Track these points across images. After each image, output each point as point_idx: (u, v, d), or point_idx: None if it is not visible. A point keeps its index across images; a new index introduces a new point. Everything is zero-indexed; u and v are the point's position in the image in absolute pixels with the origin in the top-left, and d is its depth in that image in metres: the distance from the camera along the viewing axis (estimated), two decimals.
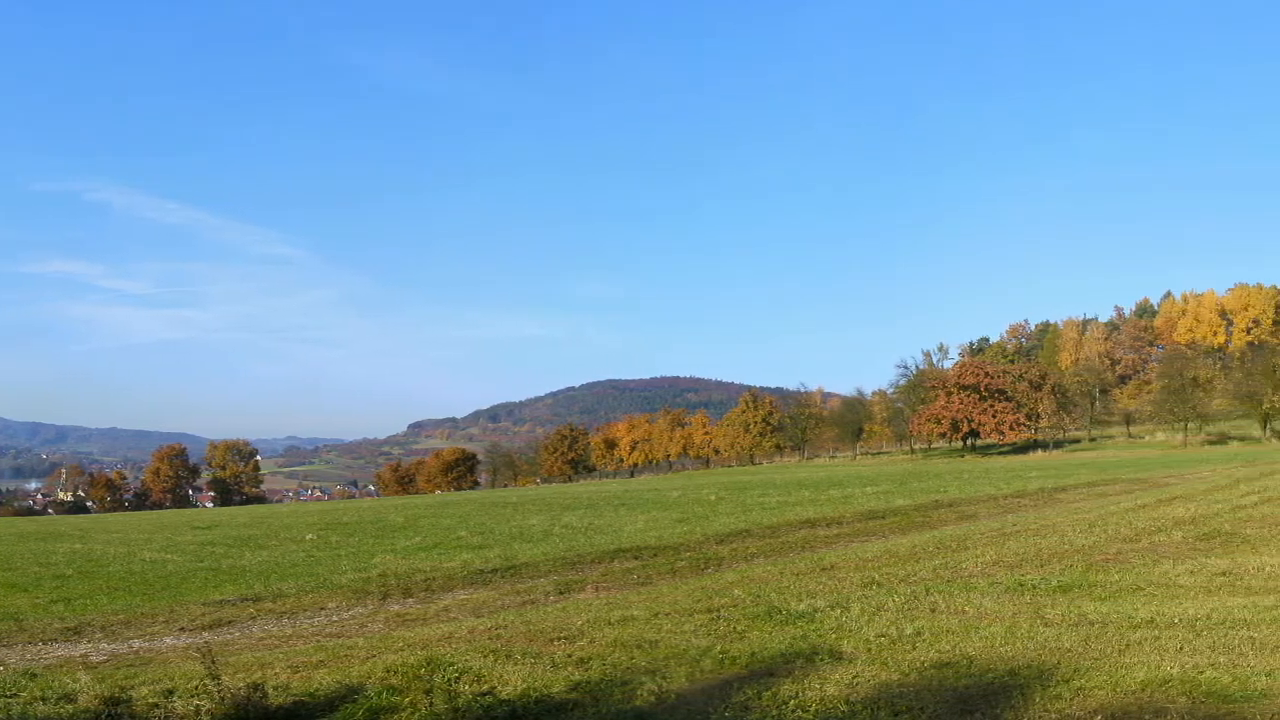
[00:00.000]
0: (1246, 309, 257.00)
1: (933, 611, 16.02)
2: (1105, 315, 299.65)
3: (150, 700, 12.17)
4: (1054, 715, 10.47)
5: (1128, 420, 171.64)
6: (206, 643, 15.69)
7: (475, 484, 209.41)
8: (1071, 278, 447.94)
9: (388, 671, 13.34)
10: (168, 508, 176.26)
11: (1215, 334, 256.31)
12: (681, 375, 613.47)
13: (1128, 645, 13.05)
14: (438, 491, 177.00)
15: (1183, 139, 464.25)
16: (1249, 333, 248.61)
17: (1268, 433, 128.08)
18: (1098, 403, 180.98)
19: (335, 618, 20.28)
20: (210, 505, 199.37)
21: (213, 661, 12.15)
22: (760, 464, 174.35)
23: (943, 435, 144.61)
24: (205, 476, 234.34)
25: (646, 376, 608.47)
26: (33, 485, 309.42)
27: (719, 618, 16.30)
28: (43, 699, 12.59)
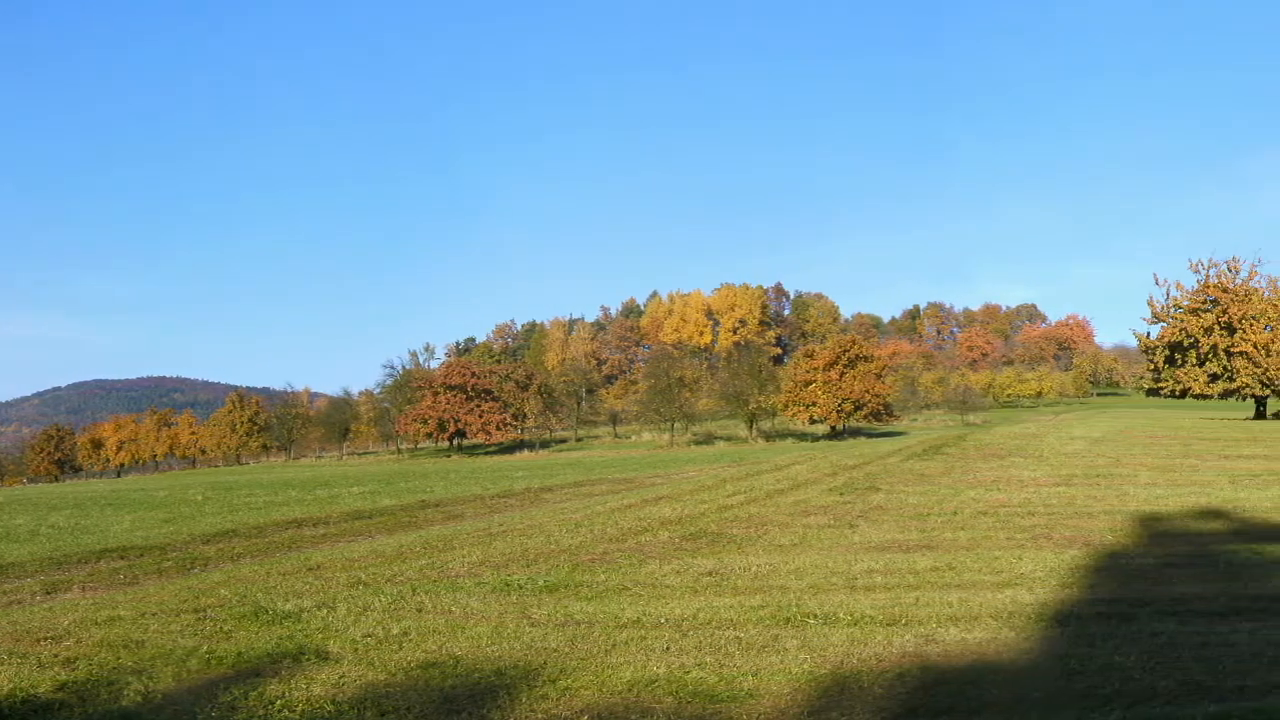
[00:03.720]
0: (733, 309, 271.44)
1: (419, 611, 16.09)
2: (592, 315, 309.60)
3: None
4: (540, 715, 10.75)
5: (614, 420, 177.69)
6: None
7: None
8: (558, 279, 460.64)
9: None
10: None
11: (702, 333, 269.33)
12: (169, 375, 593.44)
13: (614, 645, 13.43)
14: None
15: (665, 143, 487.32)
16: (735, 332, 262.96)
17: (754, 433, 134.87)
18: (584, 402, 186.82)
19: None
20: None
21: None
22: (247, 464, 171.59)
23: (429, 435, 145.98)
24: None
25: (134, 376, 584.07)
26: None
27: (206, 617, 16.11)
28: None
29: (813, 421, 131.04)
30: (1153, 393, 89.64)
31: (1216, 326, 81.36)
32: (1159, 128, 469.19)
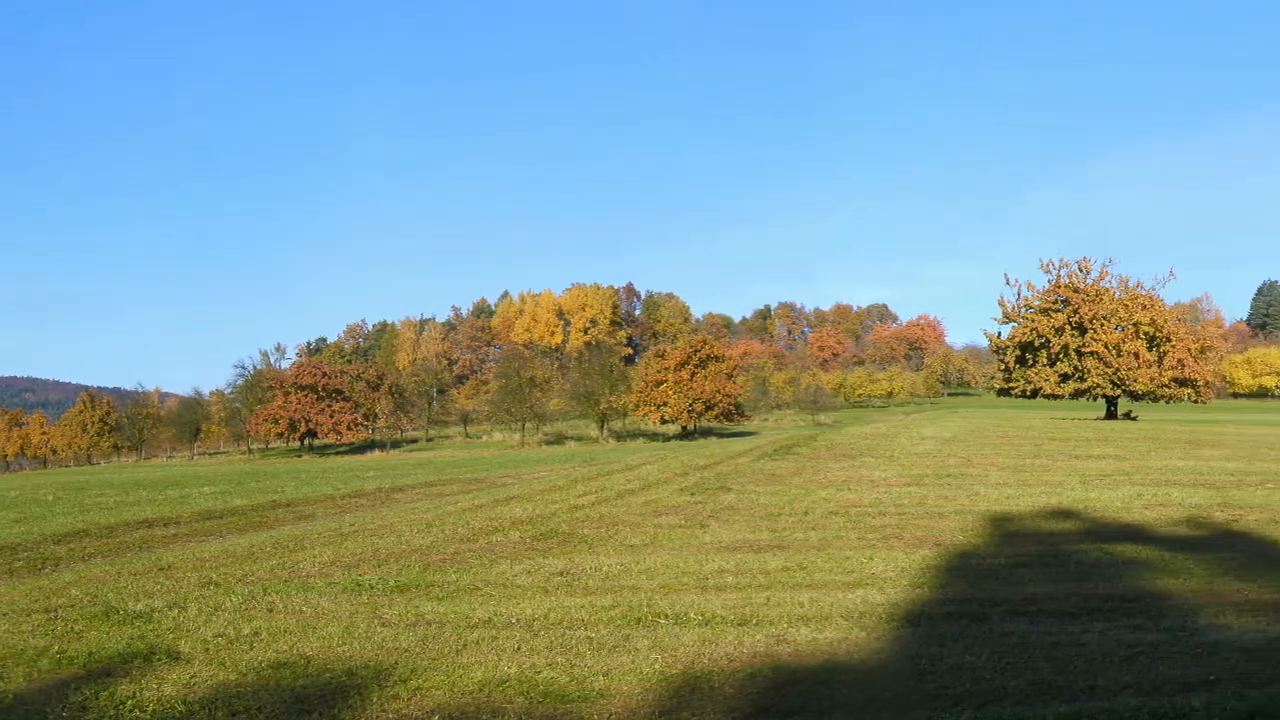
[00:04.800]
0: (584, 309, 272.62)
1: (270, 611, 15.99)
2: (443, 315, 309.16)
3: None
4: (392, 715, 10.77)
5: (465, 420, 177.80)
6: None
7: None
8: (409, 278, 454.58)
9: None
10: None
11: (553, 333, 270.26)
12: (19, 375, 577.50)
13: (465, 645, 13.43)
14: None
15: (514, 143, 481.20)
16: (586, 332, 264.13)
17: (605, 433, 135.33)
18: (435, 403, 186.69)
19: None
20: None
21: None
22: (99, 464, 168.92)
23: (281, 435, 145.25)
24: None
25: None
26: None
27: (57, 617, 15.97)
28: None
29: (664, 421, 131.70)
30: (1004, 393, 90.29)
31: (1067, 326, 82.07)
32: (1009, 126, 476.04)
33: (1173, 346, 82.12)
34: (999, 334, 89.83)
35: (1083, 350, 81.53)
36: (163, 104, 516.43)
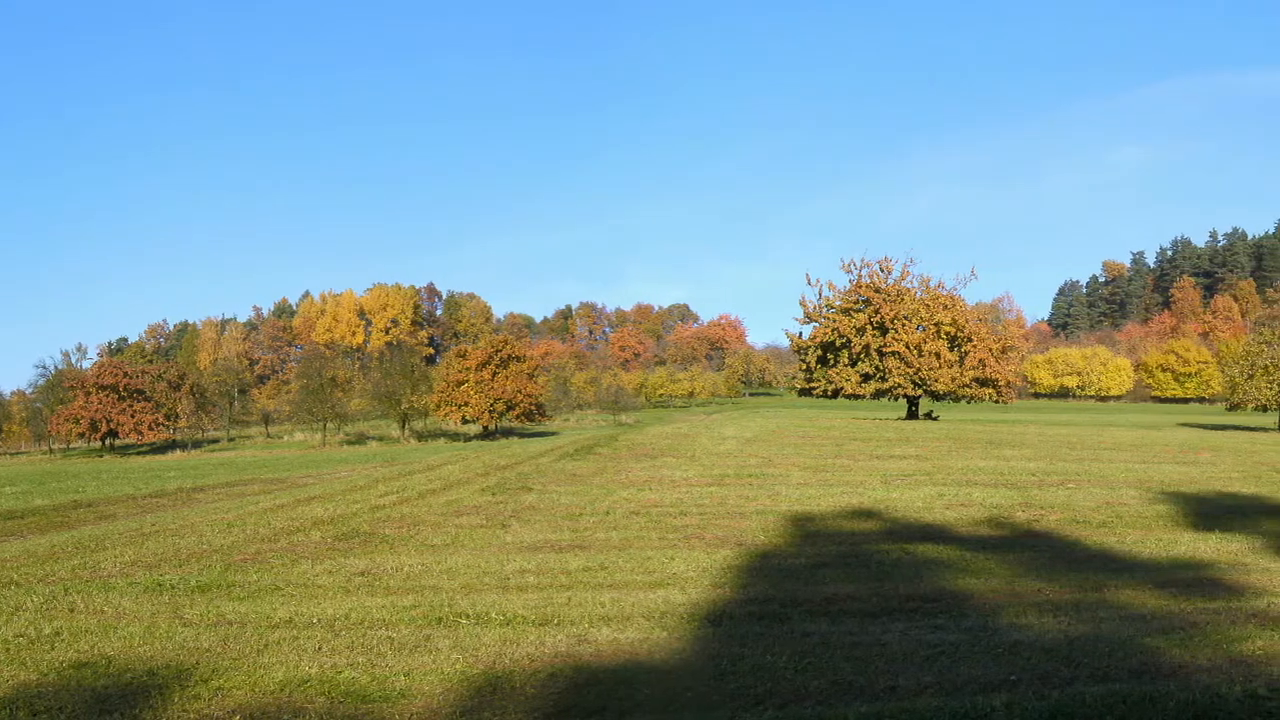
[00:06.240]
0: (385, 309, 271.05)
1: (72, 611, 15.74)
2: (244, 315, 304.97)
3: None
4: (193, 715, 10.67)
5: (267, 420, 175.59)
6: None
7: None
8: (210, 278, 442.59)
9: None
10: None
11: (354, 333, 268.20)
12: None
13: (267, 645, 13.33)
14: None
15: (313, 142, 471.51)
16: (388, 332, 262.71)
17: (406, 433, 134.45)
18: (237, 403, 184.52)
19: None
20: None
21: None
22: None
23: (82, 435, 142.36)
24: None
25: None
26: None
27: None
28: None
29: (465, 421, 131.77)
30: (805, 393, 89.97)
31: (869, 326, 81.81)
32: (812, 125, 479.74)
33: (974, 346, 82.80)
34: (800, 334, 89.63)
35: (884, 350, 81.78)
36: None
